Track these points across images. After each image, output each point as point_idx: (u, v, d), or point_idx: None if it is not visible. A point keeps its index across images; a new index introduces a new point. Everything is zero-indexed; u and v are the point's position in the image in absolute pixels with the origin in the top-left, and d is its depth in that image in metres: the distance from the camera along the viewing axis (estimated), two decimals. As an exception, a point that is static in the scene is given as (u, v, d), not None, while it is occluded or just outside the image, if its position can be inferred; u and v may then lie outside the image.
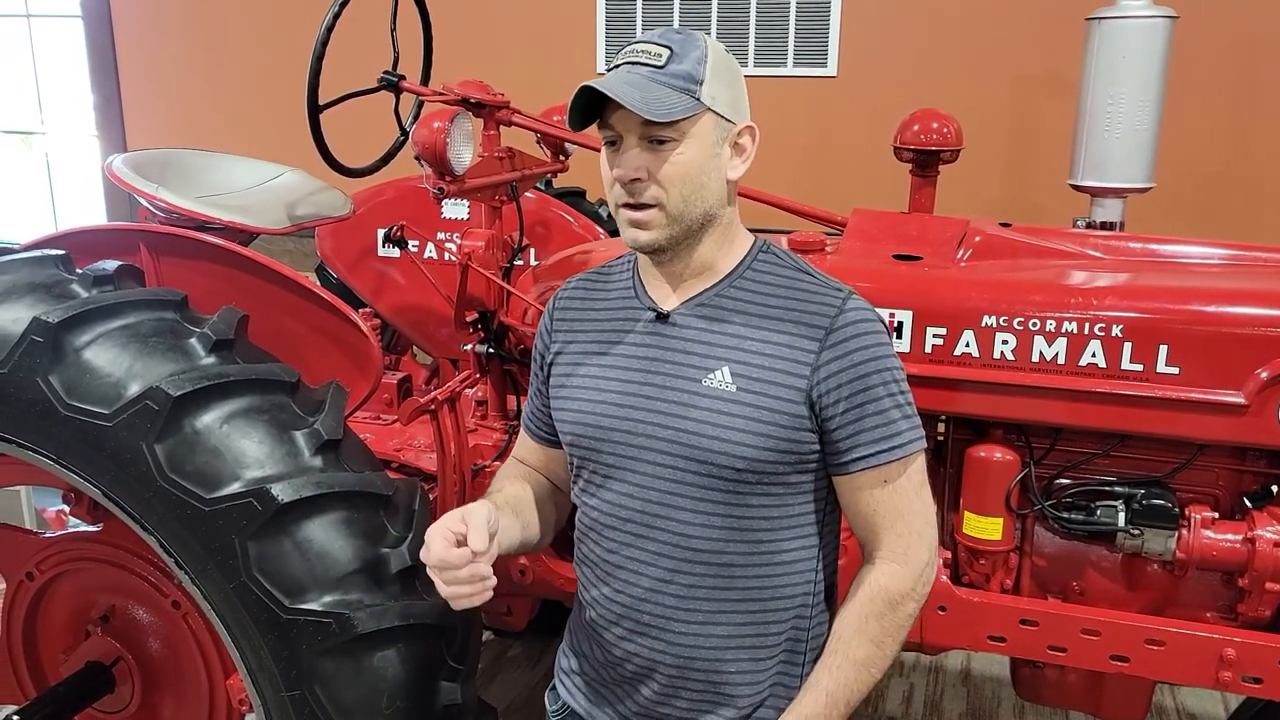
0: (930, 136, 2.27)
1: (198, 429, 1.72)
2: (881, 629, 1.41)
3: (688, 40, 1.36)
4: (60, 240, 2.18)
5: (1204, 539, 1.89)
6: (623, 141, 1.36)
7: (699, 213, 1.38)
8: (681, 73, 1.33)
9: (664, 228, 1.37)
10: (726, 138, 1.38)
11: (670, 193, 1.35)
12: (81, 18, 5.43)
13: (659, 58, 1.34)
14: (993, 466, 1.97)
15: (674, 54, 1.34)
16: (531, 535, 1.57)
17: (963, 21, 4.16)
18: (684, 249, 1.41)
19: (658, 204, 1.36)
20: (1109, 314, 1.84)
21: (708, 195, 1.38)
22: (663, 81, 1.33)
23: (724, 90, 1.37)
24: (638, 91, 1.31)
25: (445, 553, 1.34)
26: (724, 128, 1.38)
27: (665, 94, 1.32)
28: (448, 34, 2.97)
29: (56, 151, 6.09)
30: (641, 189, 1.36)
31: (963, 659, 3.47)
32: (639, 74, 1.34)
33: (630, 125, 1.34)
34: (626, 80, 1.33)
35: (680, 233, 1.38)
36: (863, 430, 1.38)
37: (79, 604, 2.26)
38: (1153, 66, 2.76)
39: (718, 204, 1.40)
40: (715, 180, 1.38)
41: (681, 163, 1.34)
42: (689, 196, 1.36)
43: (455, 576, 1.35)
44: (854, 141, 4.34)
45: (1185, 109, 3.65)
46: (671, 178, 1.34)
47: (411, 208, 2.75)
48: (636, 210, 1.37)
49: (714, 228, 1.42)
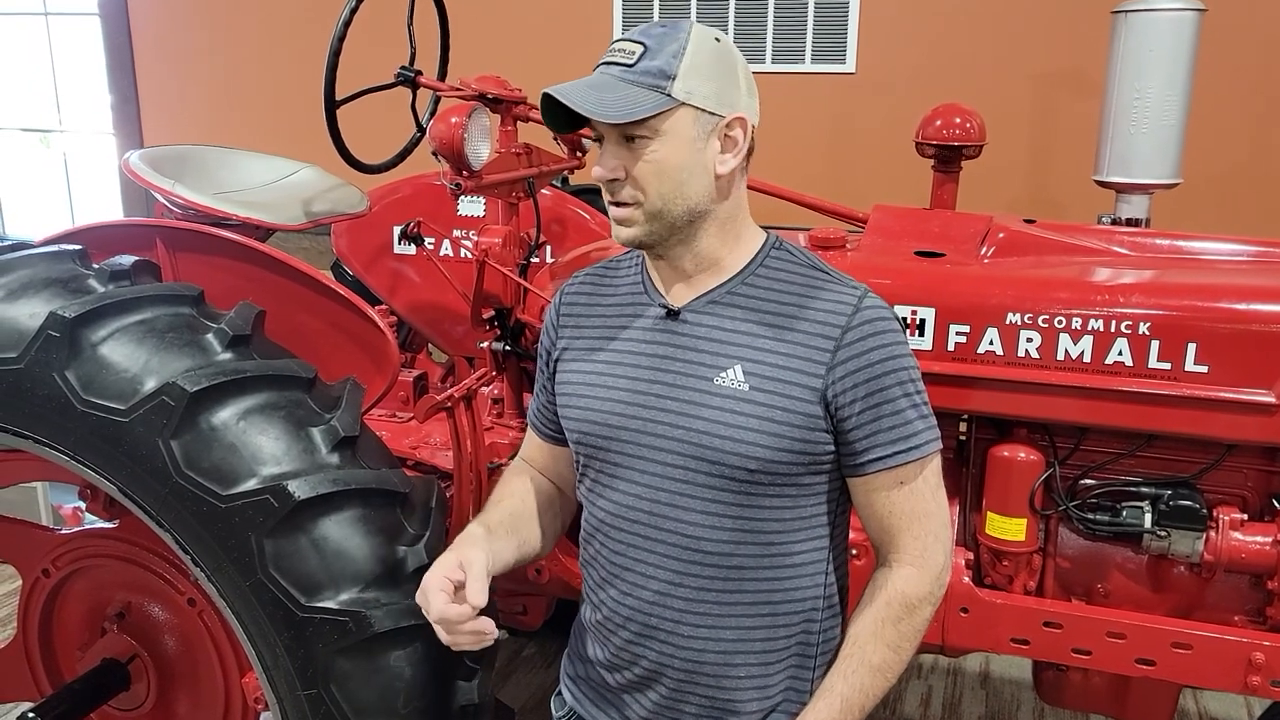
0: (953, 131, 2.25)
1: (214, 425, 1.71)
2: (898, 633, 1.39)
3: (667, 35, 1.33)
4: (77, 236, 2.17)
5: (1232, 541, 1.86)
6: (604, 140, 1.36)
7: (681, 209, 1.35)
8: (652, 69, 1.31)
9: (643, 224, 1.36)
10: (712, 131, 1.35)
11: (647, 190, 1.34)
12: (99, 15, 5.44)
13: (631, 56, 1.33)
14: (1016, 466, 1.94)
15: (648, 50, 1.32)
16: (530, 550, 1.56)
17: (984, 15, 4.12)
18: (676, 244, 1.39)
19: (635, 202, 1.35)
20: (1136, 311, 1.81)
21: (689, 192, 1.35)
22: (630, 80, 1.31)
23: (704, 83, 1.33)
24: (598, 93, 1.30)
25: (445, 610, 1.36)
26: (706, 121, 1.34)
27: (630, 92, 1.30)
28: (465, 29, 2.96)
29: (74, 149, 6.12)
30: (619, 188, 1.35)
31: (982, 661, 3.44)
32: (609, 74, 1.33)
33: (606, 125, 1.33)
34: (592, 83, 1.32)
35: (662, 229, 1.37)
36: (879, 431, 1.36)
37: (95, 601, 2.26)
38: (1180, 60, 2.72)
39: (705, 199, 1.37)
40: (699, 176, 1.35)
41: (655, 160, 1.33)
42: (667, 194, 1.34)
43: (457, 629, 1.37)
44: (874, 138, 4.31)
45: (1213, 103, 3.60)
46: (646, 175, 1.33)
47: (428, 204, 2.74)
48: (617, 208, 1.37)
49: (708, 223, 1.39)
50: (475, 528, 1.50)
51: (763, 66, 4.34)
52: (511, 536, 1.52)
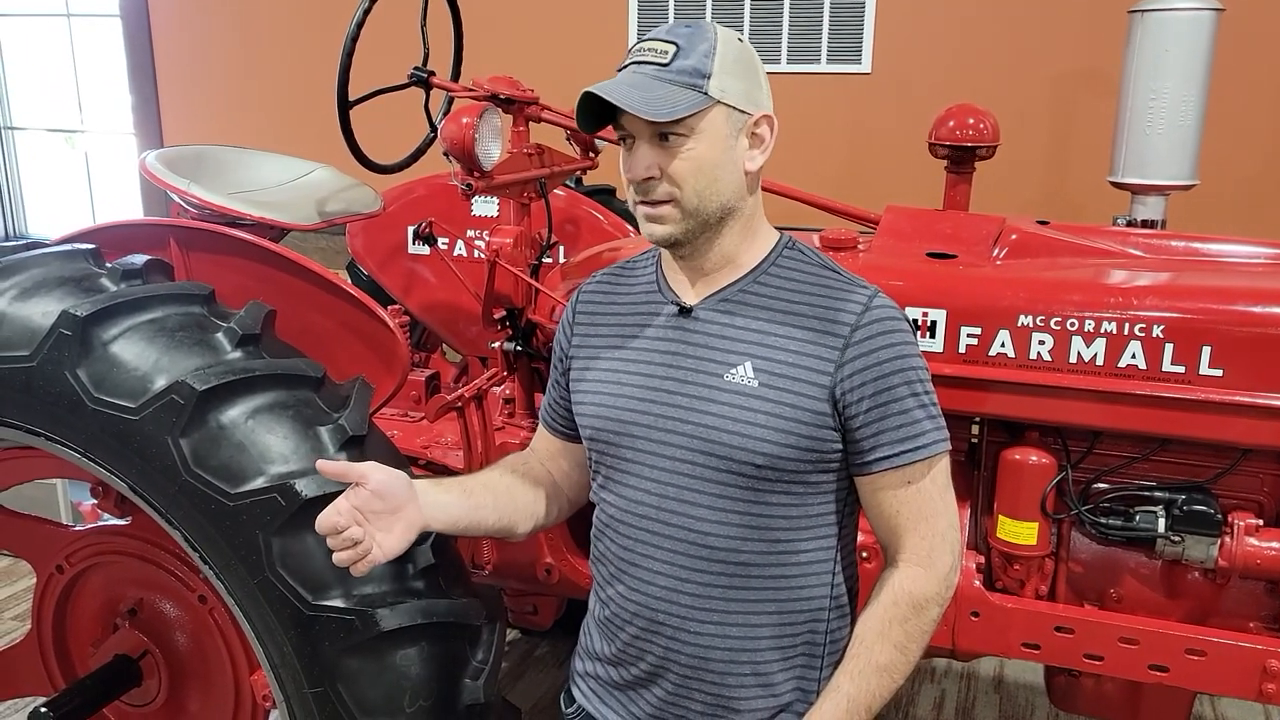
0: (966, 132, 2.23)
1: (223, 423, 1.72)
2: (905, 634, 1.39)
3: (695, 34, 1.35)
4: (92, 235, 2.19)
5: (1247, 546, 1.83)
6: (634, 141, 1.36)
7: (716, 206, 1.37)
8: (687, 68, 1.32)
9: (679, 222, 1.36)
10: (741, 129, 1.37)
11: (684, 188, 1.34)
12: (120, 17, 5.49)
13: (664, 55, 1.33)
14: (1028, 470, 1.92)
15: (680, 50, 1.33)
16: (495, 520, 1.54)
17: (1000, 16, 4.09)
18: (704, 242, 1.40)
19: (671, 200, 1.35)
20: (1150, 314, 1.80)
21: (723, 188, 1.36)
22: (667, 79, 1.32)
23: (735, 82, 1.35)
24: (639, 92, 1.30)
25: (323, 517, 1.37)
26: (738, 119, 1.36)
27: (669, 92, 1.31)
28: (478, 30, 2.96)
29: (96, 150, 6.17)
30: (653, 187, 1.35)
31: (996, 665, 3.42)
32: (644, 73, 1.33)
33: (639, 125, 1.34)
34: (630, 81, 1.32)
35: (697, 226, 1.37)
36: (886, 430, 1.36)
37: (108, 597, 2.28)
38: (1197, 60, 2.70)
39: (736, 196, 1.39)
40: (731, 173, 1.37)
41: (692, 158, 1.33)
42: (703, 191, 1.35)
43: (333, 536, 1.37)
44: (889, 139, 4.29)
45: (1230, 104, 3.56)
46: (683, 173, 1.34)
47: (442, 205, 2.75)
48: (652, 205, 1.36)
49: (735, 220, 1.40)
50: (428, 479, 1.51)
51: (778, 67, 4.33)
52: (470, 497, 1.51)
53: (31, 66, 6.14)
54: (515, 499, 1.58)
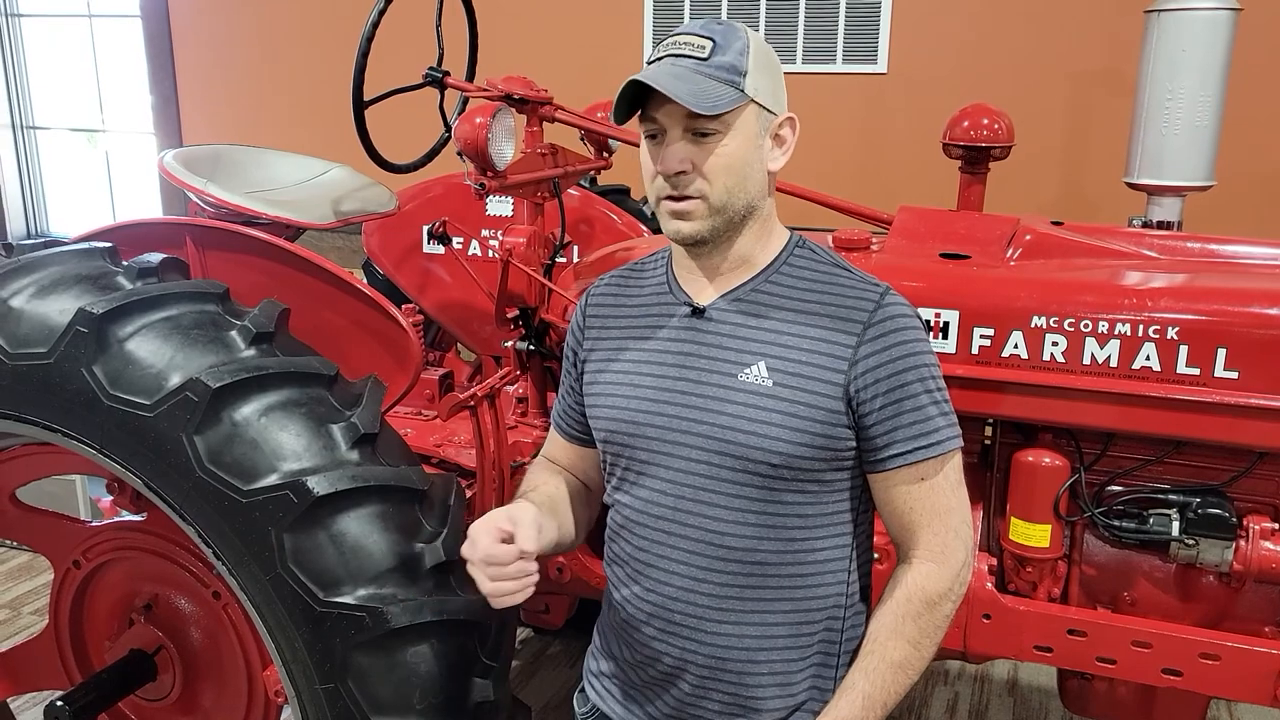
0: (980, 133, 2.23)
1: (236, 421, 1.73)
2: (919, 630, 1.39)
3: (729, 31, 1.35)
4: (109, 234, 2.21)
5: (1263, 550, 1.82)
6: (665, 135, 1.35)
7: (742, 204, 1.37)
8: (726, 64, 1.32)
9: (706, 219, 1.36)
10: (768, 129, 1.38)
11: (714, 185, 1.34)
12: (140, 18, 5.53)
13: (702, 49, 1.33)
14: (1041, 472, 1.91)
15: (717, 45, 1.33)
16: (566, 535, 1.56)
17: (1016, 15, 4.07)
18: (724, 241, 1.41)
19: (701, 196, 1.35)
20: (1165, 316, 1.78)
21: (750, 187, 1.37)
22: (707, 73, 1.32)
23: (766, 81, 1.36)
24: (684, 84, 1.30)
25: (493, 548, 1.33)
26: (766, 119, 1.37)
27: (711, 86, 1.31)
28: (493, 30, 2.97)
29: (116, 149, 6.22)
30: (686, 182, 1.35)
31: (1010, 668, 3.40)
32: (684, 66, 1.33)
33: (674, 118, 1.33)
34: (672, 73, 1.32)
35: (722, 224, 1.37)
36: (899, 427, 1.36)
37: (124, 592, 2.30)
38: (1214, 61, 2.67)
39: (759, 195, 1.39)
40: (757, 172, 1.38)
41: (726, 154, 1.33)
42: (732, 188, 1.35)
43: (502, 573, 1.34)
44: (904, 139, 4.28)
45: (1247, 105, 3.52)
46: (716, 170, 1.34)
47: (457, 204, 2.76)
48: (679, 201, 1.36)
49: (754, 219, 1.41)
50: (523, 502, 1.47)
51: (794, 67, 4.32)
52: (553, 517, 1.51)
53: (53, 67, 6.20)
54: (573, 510, 1.58)
